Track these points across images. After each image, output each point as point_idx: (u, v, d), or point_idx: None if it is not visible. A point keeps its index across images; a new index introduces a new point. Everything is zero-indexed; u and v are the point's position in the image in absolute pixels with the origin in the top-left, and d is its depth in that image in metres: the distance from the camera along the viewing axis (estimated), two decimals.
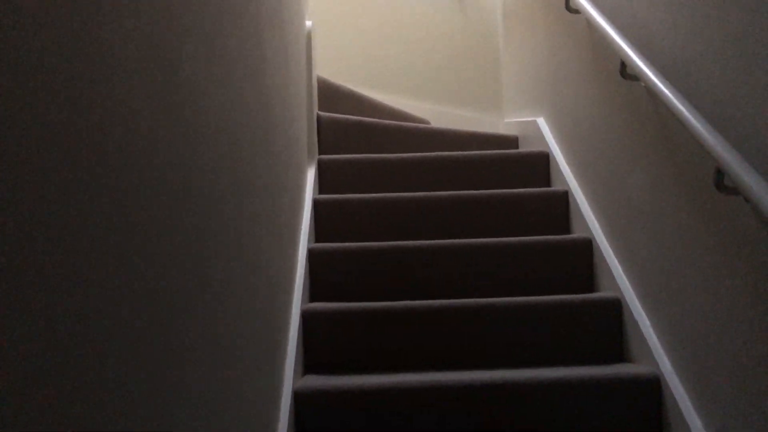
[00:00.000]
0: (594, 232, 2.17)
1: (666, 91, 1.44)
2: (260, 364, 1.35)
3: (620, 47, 1.70)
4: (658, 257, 1.74)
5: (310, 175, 2.46)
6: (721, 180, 1.26)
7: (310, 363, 1.93)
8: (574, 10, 2.22)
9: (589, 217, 2.23)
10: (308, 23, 2.67)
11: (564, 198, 2.41)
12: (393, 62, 3.63)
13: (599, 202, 2.19)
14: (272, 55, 1.62)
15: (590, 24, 2.02)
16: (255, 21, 1.40)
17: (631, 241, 1.92)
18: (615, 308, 1.94)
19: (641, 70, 1.56)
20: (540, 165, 2.64)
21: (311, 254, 2.16)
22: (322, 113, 2.71)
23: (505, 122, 3.37)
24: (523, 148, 3.00)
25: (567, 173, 2.46)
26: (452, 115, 3.61)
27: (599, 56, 2.14)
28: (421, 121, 3.48)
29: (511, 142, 3.07)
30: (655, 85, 1.48)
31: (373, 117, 3.12)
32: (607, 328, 1.94)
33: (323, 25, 3.61)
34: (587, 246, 2.18)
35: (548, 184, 2.63)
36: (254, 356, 1.28)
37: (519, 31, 3.12)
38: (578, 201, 2.32)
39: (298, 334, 1.83)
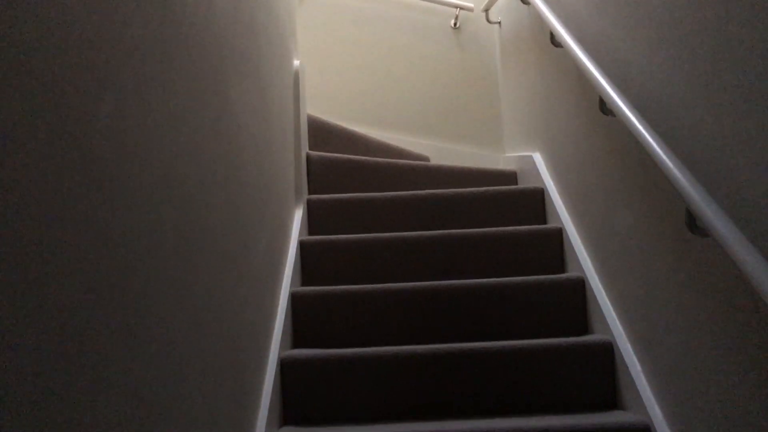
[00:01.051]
0: (587, 270, 2.09)
1: (640, 127, 1.38)
2: (223, 417, 1.29)
3: (598, 82, 1.64)
4: (646, 298, 1.66)
5: (298, 215, 2.42)
6: (693, 222, 1.19)
7: (289, 413, 1.86)
8: (558, 45, 2.18)
9: (582, 255, 2.16)
10: (296, 63, 2.65)
11: (558, 235, 2.34)
12: (388, 97, 3.61)
13: (591, 240, 2.12)
14: (239, 98, 1.59)
15: (572, 58, 1.97)
16: (213, 66, 1.37)
17: (621, 281, 1.84)
18: (607, 352, 1.86)
19: (617, 105, 1.51)
20: (536, 201, 2.58)
21: (294, 298, 2.10)
22: (312, 152, 2.68)
23: (504, 157, 3.31)
24: (522, 184, 2.94)
25: (561, 209, 2.39)
26: (452, 151, 3.57)
27: (583, 91, 2.09)
28: (420, 157, 3.44)
29: (510, 177, 3.01)
30: (629, 120, 1.42)
31: (368, 155, 3.09)
32: (600, 372, 1.85)
33: (316, 63, 3.60)
34: (580, 286, 2.10)
35: (544, 220, 2.57)
36: (213, 407, 1.22)
37: (515, 66, 3.08)
38: (571, 238, 2.24)
39: (274, 383, 1.76)
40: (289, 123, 2.44)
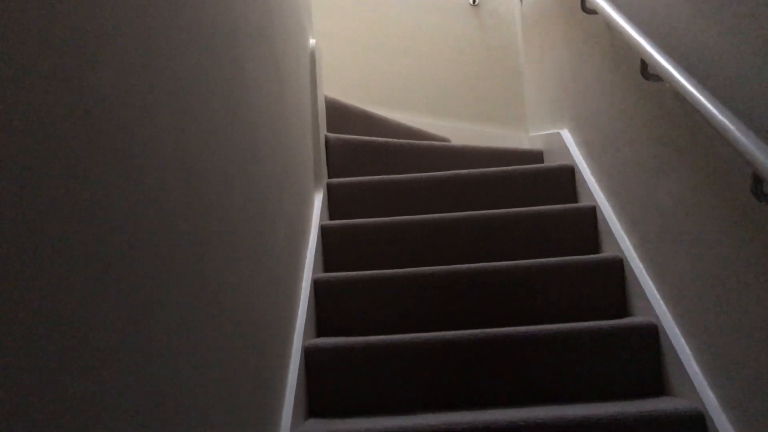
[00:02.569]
0: (625, 250, 1.98)
1: (692, 89, 1.26)
2: (246, 410, 1.20)
3: (639, 44, 1.52)
4: (696, 276, 1.55)
5: (318, 200, 2.32)
6: (759, 188, 1.08)
7: (315, 405, 1.77)
8: (591, 11, 2.06)
9: (619, 234, 2.04)
10: (312, 41, 2.55)
11: (591, 214, 2.22)
12: (407, 78, 3.49)
13: (629, 218, 2.00)
14: (252, 71, 1.48)
15: (607, 23, 1.84)
16: (225, 35, 1.27)
17: (666, 259, 1.73)
18: (651, 335, 1.74)
19: (663, 68, 1.39)
20: (565, 179, 2.46)
21: (317, 285, 2.00)
22: (330, 135, 2.58)
23: (530, 136, 3.19)
24: (549, 163, 2.82)
25: (594, 187, 2.27)
26: (473, 132, 3.45)
27: (619, 57, 1.96)
28: (441, 139, 3.32)
29: (536, 156, 2.89)
30: (678, 83, 1.31)
31: (387, 137, 2.98)
32: (644, 357, 1.74)
33: (332, 44, 3.49)
34: (618, 266, 1.99)
35: (575, 199, 2.45)
36: (235, 401, 1.12)
37: (538, 39, 2.95)
38: (606, 217, 2.13)
39: (299, 373, 1.67)
40: (306, 104, 2.34)
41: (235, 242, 1.25)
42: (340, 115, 2.78)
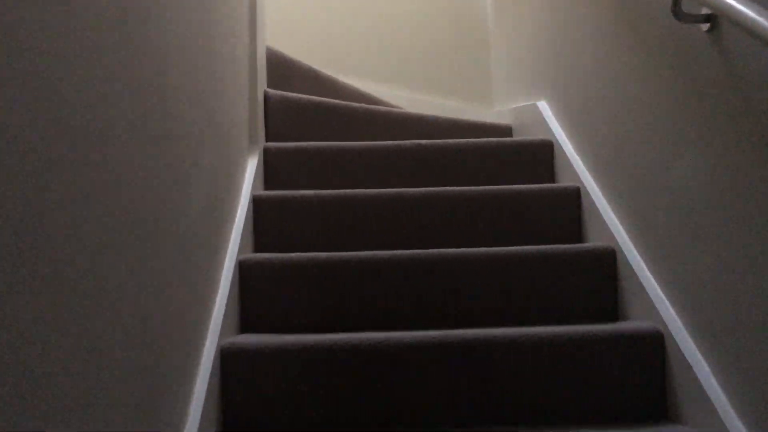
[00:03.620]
0: (619, 240, 1.65)
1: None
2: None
3: None
4: (719, 271, 1.22)
5: (251, 166, 1.92)
6: None
7: (228, 413, 1.38)
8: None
9: (611, 221, 1.71)
10: None
11: (575, 196, 1.89)
12: (362, 40, 3.10)
13: (625, 202, 1.67)
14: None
15: None
16: None
17: (676, 251, 1.40)
18: (657, 342, 1.42)
19: None
20: (542, 156, 2.12)
21: (243, 267, 1.61)
22: (271, 91, 2.18)
23: (495, 111, 2.85)
24: (517, 135, 2.48)
25: (578, 166, 1.94)
26: (432, 105, 3.09)
27: (633, 2, 1.62)
28: (396, 108, 2.95)
29: (503, 131, 2.54)
30: (744, 15, 0.96)
31: (338, 100, 2.59)
32: (651, 374, 1.41)
33: None
34: (609, 258, 1.66)
35: (552, 179, 2.11)
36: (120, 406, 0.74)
37: (514, 8, 2.60)
38: (594, 200, 1.79)
39: (210, 379, 1.28)
40: (242, 51, 1.93)
41: (124, 210, 0.85)
42: (284, 70, 2.38)
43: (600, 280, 1.65)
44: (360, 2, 3.12)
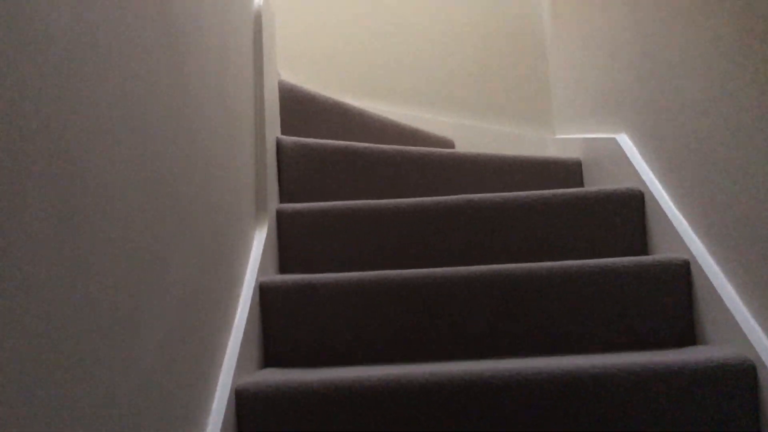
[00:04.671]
0: (761, 351, 1.19)
1: None
2: None
3: None
4: None
5: (258, 241, 1.51)
6: None
7: None
8: None
9: (743, 318, 1.24)
10: (257, 1, 1.73)
11: (683, 272, 1.43)
12: (398, 60, 2.67)
13: (761, 284, 1.20)
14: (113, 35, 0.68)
15: None
16: None
17: None
18: (749, 375, 0.96)
19: None
20: (630, 211, 1.66)
21: (242, 398, 1.20)
22: (285, 138, 1.77)
23: (558, 139, 2.40)
24: (592, 179, 2.02)
25: (683, 228, 1.48)
26: (483, 131, 2.65)
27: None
28: (442, 141, 2.52)
29: (571, 168, 2.09)
30: None
31: (369, 138, 2.17)
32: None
33: (294, 11, 2.67)
34: (750, 374, 1.20)
35: (644, 242, 1.65)
36: None
37: (575, 5, 2.15)
38: (710, 277, 1.33)
39: None
40: (246, 92, 1.53)
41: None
42: (301, 108, 1.97)
43: (737, 409, 1.19)
44: (393, 18, 2.69)
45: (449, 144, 2.56)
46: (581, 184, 2.08)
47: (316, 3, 2.68)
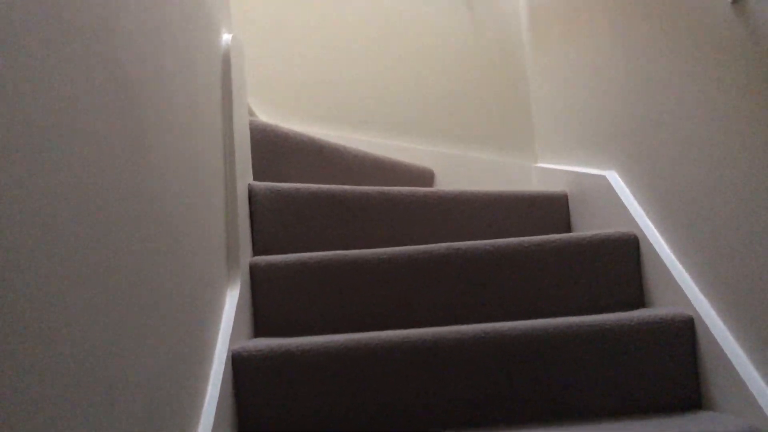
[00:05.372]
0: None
1: None
2: None
3: None
4: None
5: (230, 302, 1.39)
6: None
7: None
8: None
9: (761, 393, 1.16)
10: (226, 38, 1.62)
11: (686, 329, 1.34)
12: (375, 88, 2.58)
13: None
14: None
15: None
16: None
17: None
18: None
19: None
20: (625, 258, 1.57)
21: None
22: (257, 184, 1.66)
23: (539, 167, 2.32)
24: (580, 215, 1.94)
25: (683, 279, 1.39)
26: (464, 160, 2.55)
27: None
28: (423, 172, 2.43)
29: (557, 203, 2.00)
30: None
31: (348, 175, 2.06)
32: None
33: (268, 42, 2.56)
34: None
35: (640, 294, 1.56)
36: None
37: (562, 36, 2.07)
38: (719, 338, 1.25)
39: None
40: (215, 141, 1.42)
41: None
42: (275, 148, 1.86)
43: None
44: (371, 47, 2.60)
45: (429, 174, 2.47)
46: (568, 220, 2.00)
47: (290, 34, 2.57)
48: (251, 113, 2.21)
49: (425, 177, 2.43)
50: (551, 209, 1.97)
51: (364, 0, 2.61)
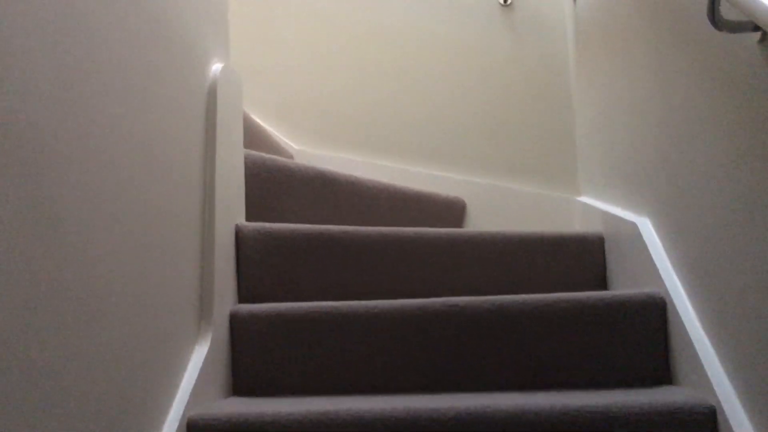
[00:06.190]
0: None
1: None
2: None
3: None
4: None
5: (195, 362, 1.28)
6: None
7: None
8: (732, 25, 0.98)
9: None
10: (215, 68, 1.51)
11: (708, 419, 1.14)
12: (402, 112, 2.43)
13: None
14: None
15: None
16: None
17: None
18: None
19: None
20: (649, 326, 1.37)
21: None
22: (246, 225, 1.54)
23: (581, 202, 2.12)
24: (614, 264, 1.74)
25: (710, 360, 1.19)
26: (498, 191, 2.37)
27: None
28: (452, 203, 2.26)
29: (593, 247, 1.80)
30: None
31: (359, 209, 1.93)
32: None
33: (279, 61, 2.46)
34: None
35: (666, 366, 1.36)
36: None
37: (602, 54, 1.88)
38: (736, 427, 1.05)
39: None
40: (188, 176, 1.31)
41: None
42: (276, 184, 1.74)
43: None
44: (397, 60, 2.45)
45: (460, 206, 2.30)
46: (603, 266, 1.80)
47: (312, 57, 2.46)
48: (269, 142, 2.10)
49: (455, 208, 2.27)
50: (585, 253, 1.77)
51: (394, 17, 2.47)
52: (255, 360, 1.40)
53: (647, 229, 1.52)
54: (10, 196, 0.77)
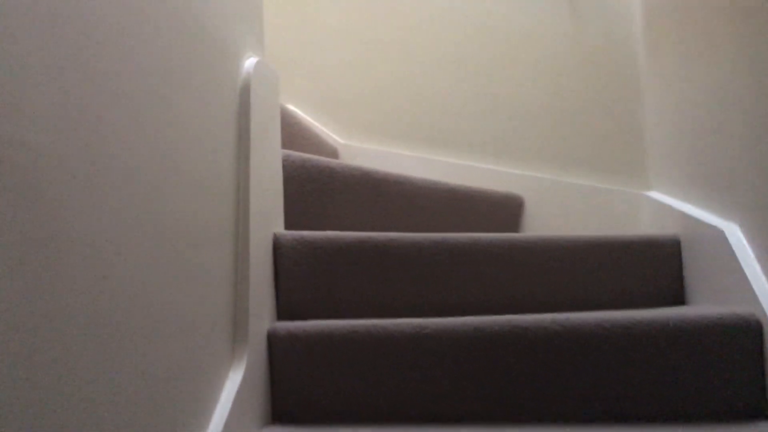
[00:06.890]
0: None
1: None
2: None
3: None
4: None
5: (229, 390, 1.16)
6: None
7: None
8: None
9: None
10: (249, 63, 1.37)
11: None
12: (455, 103, 2.27)
13: None
14: None
15: None
16: None
17: None
18: None
19: None
20: (743, 352, 1.20)
21: None
22: (284, 234, 1.41)
23: (651, 198, 1.93)
24: (694, 271, 1.55)
25: None
26: (561, 186, 2.19)
27: None
28: (509, 200, 2.10)
29: (668, 252, 1.62)
30: None
31: (410, 213, 1.78)
32: None
33: (323, 51, 2.31)
34: None
35: (763, 402, 1.18)
36: None
37: (678, 45, 1.68)
38: None
39: None
40: (218, 183, 1.19)
41: None
42: (319, 186, 1.60)
43: None
44: (448, 47, 2.29)
45: (517, 202, 2.13)
46: (679, 277, 1.61)
47: (358, 44, 2.31)
48: (311, 136, 1.97)
49: (512, 206, 2.10)
50: (659, 259, 1.59)
51: (446, 1, 2.30)
52: (295, 383, 1.27)
53: (736, 237, 1.33)
54: (7, 216, 0.64)
